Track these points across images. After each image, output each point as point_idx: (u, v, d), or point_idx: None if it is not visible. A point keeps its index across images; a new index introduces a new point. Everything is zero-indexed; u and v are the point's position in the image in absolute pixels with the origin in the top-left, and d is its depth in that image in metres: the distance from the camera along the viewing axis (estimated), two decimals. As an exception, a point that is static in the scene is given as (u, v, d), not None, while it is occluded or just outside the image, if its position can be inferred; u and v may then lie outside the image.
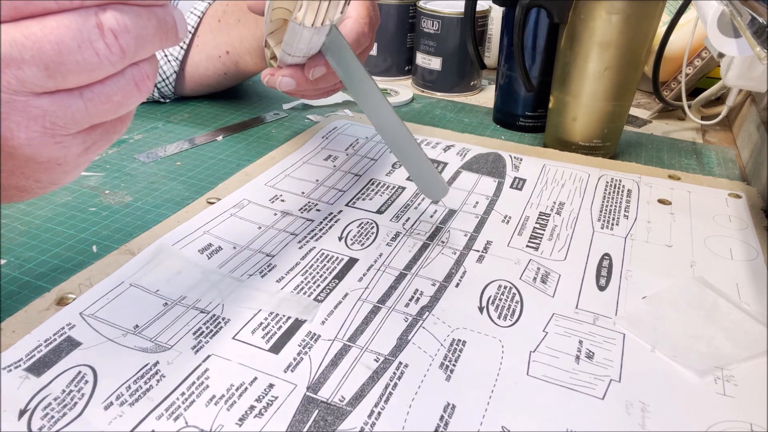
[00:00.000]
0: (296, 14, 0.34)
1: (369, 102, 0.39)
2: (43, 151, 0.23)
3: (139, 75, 0.24)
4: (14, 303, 0.35)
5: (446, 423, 0.28)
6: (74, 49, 0.21)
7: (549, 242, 0.42)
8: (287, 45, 0.38)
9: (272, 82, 0.42)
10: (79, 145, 0.24)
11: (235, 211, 0.44)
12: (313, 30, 0.35)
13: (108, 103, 0.23)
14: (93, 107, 0.23)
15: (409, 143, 0.40)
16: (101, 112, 0.24)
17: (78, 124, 0.23)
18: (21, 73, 0.21)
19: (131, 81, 0.24)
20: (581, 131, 0.56)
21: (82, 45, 0.21)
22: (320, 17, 0.34)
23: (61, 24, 0.21)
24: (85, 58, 0.21)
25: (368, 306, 0.35)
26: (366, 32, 0.44)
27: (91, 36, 0.21)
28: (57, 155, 0.24)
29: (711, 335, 0.34)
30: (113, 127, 0.26)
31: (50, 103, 0.22)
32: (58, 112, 0.22)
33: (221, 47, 0.61)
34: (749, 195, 0.49)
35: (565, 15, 0.52)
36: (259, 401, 0.29)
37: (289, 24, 0.35)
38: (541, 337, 0.33)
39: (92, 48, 0.21)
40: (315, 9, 0.34)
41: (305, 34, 0.36)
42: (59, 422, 0.27)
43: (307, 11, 0.34)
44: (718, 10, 0.44)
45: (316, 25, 0.35)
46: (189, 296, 0.35)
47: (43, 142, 0.23)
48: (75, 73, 0.22)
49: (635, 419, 0.29)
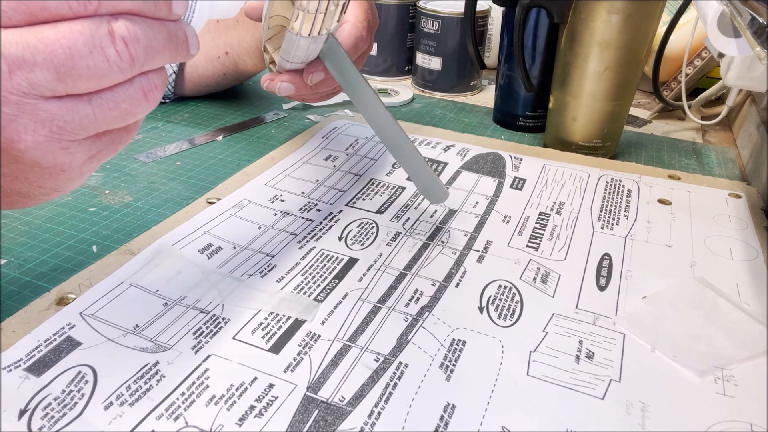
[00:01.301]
0: (293, 24, 0.34)
1: (367, 108, 0.40)
2: (48, 156, 0.24)
3: (147, 85, 0.24)
4: (14, 303, 0.35)
5: (446, 423, 0.28)
6: (85, 54, 0.22)
7: (549, 242, 0.42)
8: (285, 53, 0.38)
9: (272, 87, 0.42)
10: (85, 152, 0.25)
11: (235, 211, 0.44)
12: (310, 39, 0.35)
13: (116, 110, 0.24)
14: (101, 114, 0.23)
15: (408, 149, 0.40)
16: (109, 119, 0.24)
17: (85, 130, 0.24)
18: (32, 75, 0.21)
19: (140, 90, 0.24)
20: (581, 131, 0.56)
21: (94, 51, 0.22)
22: (317, 27, 0.35)
23: (74, 29, 0.21)
24: (95, 63, 0.22)
25: (368, 306, 0.35)
26: (364, 36, 0.44)
27: (102, 42, 0.22)
28: (62, 161, 0.24)
29: (711, 335, 0.34)
30: (119, 136, 0.26)
31: (59, 108, 0.22)
32: (66, 116, 0.23)
33: (220, 48, 0.61)
34: (749, 195, 0.49)
35: (565, 15, 0.52)
36: (259, 401, 0.29)
37: (286, 34, 0.35)
38: (541, 337, 0.33)
39: (103, 54, 0.22)
40: (311, 19, 0.34)
41: (302, 43, 0.36)
42: (59, 422, 0.27)
43: (304, 21, 0.34)
44: (718, 10, 0.44)
45: (312, 34, 0.35)
46: (189, 296, 0.35)
47: (49, 146, 0.23)
48: (85, 79, 0.22)
49: (635, 419, 0.29)
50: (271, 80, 0.42)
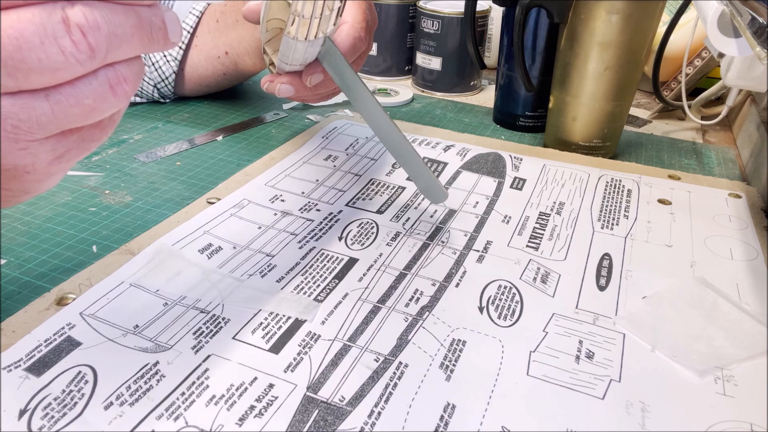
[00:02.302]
0: (289, 28, 0.34)
1: (365, 110, 0.40)
2: (7, 158, 0.22)
3: (114, 78, 0.22)
4: (14, 303, 0.35)
5: (446, 423, 0.28)
6: (36, 45, 0.19)
7: (549, 242, 0.42)
8: (283, 56, 0.38)
9: (271, 88, 0.43)
10: (49, 152, 0.23)
11: (235, 211, 0.44)
12: (306, 43, 0.36)
13: (77, 106, 0.22)
14: (60, 111, 0.21)
15: (407, 149, 0.40)
16: (71, 116, 0.22)
17: (44, 128, 0.21)
18: None
19: (105, 84, 0.22)
20: (581, 131, 0.56)
21: (46, 41, 0.20)
22: (312, 31, 0.35)
23: (23, 18, 0.19)
24: (48, 55, 0.20)
25: (368, 306, 0.35)
26: (362, 37, 0.44)
27: (55, 32, 0.20)
28: (23, 162, 0.22)
29: (711, 335, 0.34)
30: (91, 134, 0.24)
31: (12, 105, 0.21)
32: (20, 114, 0.21)
33: (220, 48, 0.61)
34: (749, 195, 0.49)
35: (565, 15, 0.52)
36: (259, 401, 0.29)
37: (283, 38, 0.36)
38: (541, 337, 0.33)
39: (56, 45, 0.20)
40: (307, 24, 0.34)
41: (299, 47, 0.36)
42: (59, 422, 0.27)
43: (300, 26, 0.34)
44: (718, 10, 0.44)
45: (309, 38, 0.35)
46: (189, 296, 0.35)
47: (6, 147, 0.21)
48: (37, 73, 0.20)
49: (635, 419, 0.29)
50: (271, 82, 0.42)
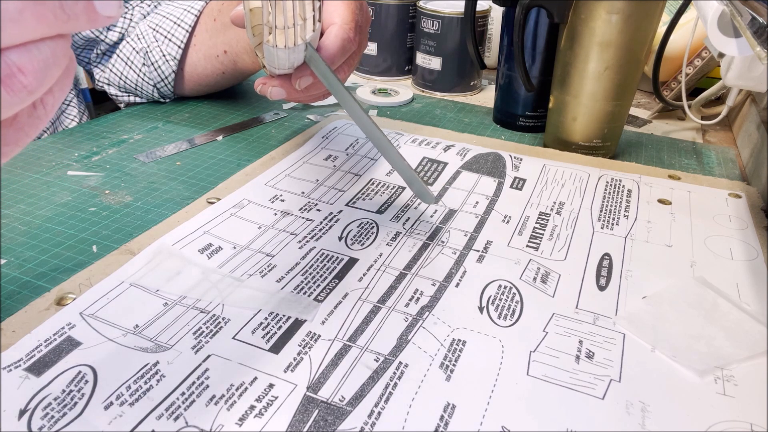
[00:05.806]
0: (267, 38, 0.35)
1: (352, 113, 0.40)
2: None
3: (5, 69, 0.18)
4: (14, 303, 0.35)
5: (446, 423, 0.28)
6: None
7: (549, 242, 0.42)
8: (268, 62, 0.38)
9: (264, 91, 0.43)
10: None
11: (235, 211, 0.44)
12: (287, 51, 0.36)
13: None
14: None
15: (392, 152, 0.41)
16: None
17: None
18: None
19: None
20: (581, 131, 0.56)
21: None
22: (291, 39, 0.35)
23: None
24: None
25: (368, 306, 0.35)
26: (351, 38, 0.43)
27: None
28: None
29: (711, 335, 0.34)
30: (5, 136, 0.20)
31: None
32: None
33: (219, 47, 0.61)
34: (749, 195, 0.49)
35: (565, 15, 0.52)
36: (259, 401, 0.29)
37: (264, 45, 0.36)
38: (541, 337, 0.33)
39: None
40: (283, 33, 0.34)
41: (281, 54, 0.37)
42: (59, 422, 0.27)
43: (277, 36, 0.34)
44: (718, 10, 0.44)
45: (288, 46, 0.36)
46: (189, 296, 0.35)
47: None
48: None
49: (635, 419, 0.29)
50: (264, 84, 0.43)
